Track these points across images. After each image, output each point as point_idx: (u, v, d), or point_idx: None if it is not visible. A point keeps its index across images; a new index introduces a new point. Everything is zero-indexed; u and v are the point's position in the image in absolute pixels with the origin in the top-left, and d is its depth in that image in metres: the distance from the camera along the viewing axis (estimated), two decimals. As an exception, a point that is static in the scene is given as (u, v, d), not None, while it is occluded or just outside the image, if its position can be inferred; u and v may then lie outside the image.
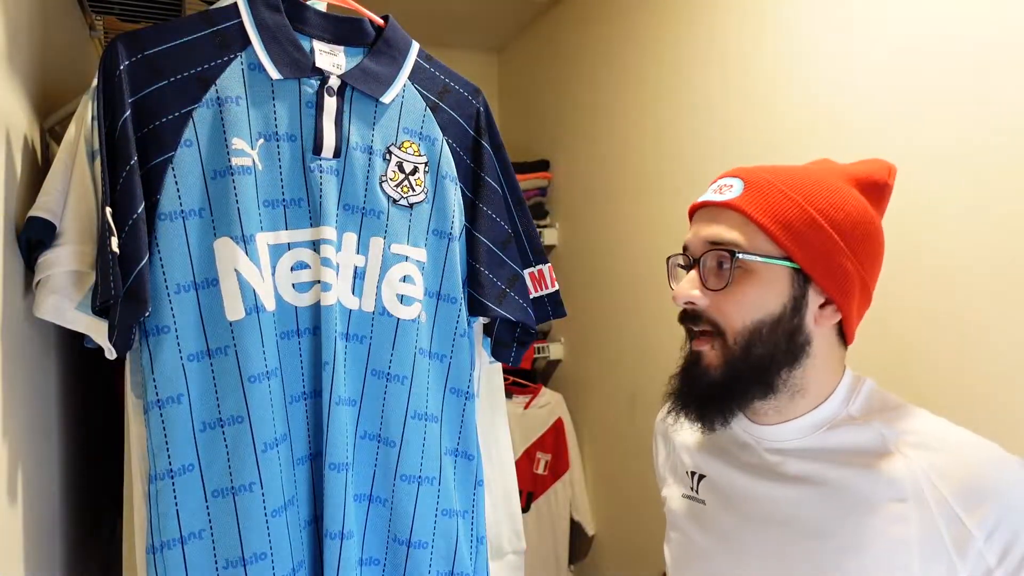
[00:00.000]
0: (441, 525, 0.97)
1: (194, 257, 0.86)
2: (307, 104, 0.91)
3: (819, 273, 0.75)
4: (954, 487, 0.69)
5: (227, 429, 0.85)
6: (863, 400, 0.79)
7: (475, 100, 1.05)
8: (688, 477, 0.89)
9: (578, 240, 2.30)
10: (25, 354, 0.86)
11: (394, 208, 0.95)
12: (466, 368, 1.01)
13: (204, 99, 0.86)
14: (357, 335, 0.93)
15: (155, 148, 0.84)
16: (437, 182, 0.99)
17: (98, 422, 1.24)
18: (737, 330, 0.76)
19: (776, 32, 1.45)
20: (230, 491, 0.85)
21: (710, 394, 0.79)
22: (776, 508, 0.79)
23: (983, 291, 1.07)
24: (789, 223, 0.75)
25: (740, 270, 0.76)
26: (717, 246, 0.77)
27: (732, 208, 0.77)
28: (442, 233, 0.99)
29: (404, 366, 0.95)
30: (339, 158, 0.92)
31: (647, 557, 1.89)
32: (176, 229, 0.85)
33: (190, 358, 0.85)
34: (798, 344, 0.76)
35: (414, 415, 0.95)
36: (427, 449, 0.96)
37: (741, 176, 0.79)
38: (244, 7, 0.90)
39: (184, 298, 0.85)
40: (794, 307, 0.76)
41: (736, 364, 0.77)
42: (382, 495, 0.94)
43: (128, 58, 0.84)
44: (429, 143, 0.99)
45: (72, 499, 1.06)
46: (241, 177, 0.86)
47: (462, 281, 1.01)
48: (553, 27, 2.42)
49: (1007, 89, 1.03)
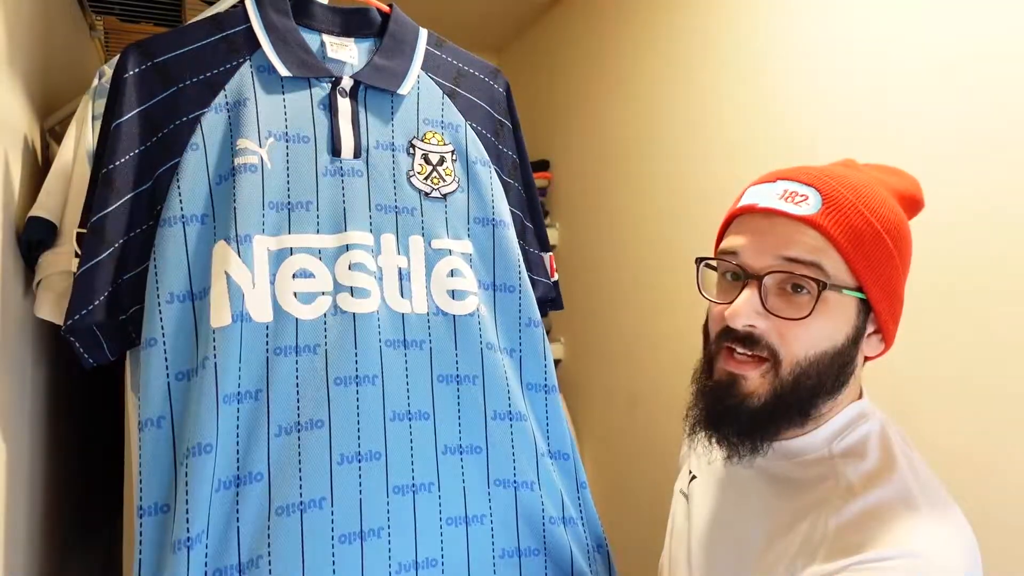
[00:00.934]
0: (551, 535, 0.90)
1: (192, 266, 0.80)
2: (319, 105, 0.88)
3: (884, 304, 0.71)
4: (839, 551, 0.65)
5: (189, 460, 0.75)
6: (852, 443, 0.72)
7: (494, 82, 1.02)
8: (687, 475, 0.91)
9: (578, 240, 2.30)
10: (26, 354, 0.86)
11: (427, 201, 0.91)
12: (539, 360, 0.95)
13: (213, 104, 0.84)
14: (416, 340, 0.87)
15: (164, 155, 0.82)
16: (468, 168, 0.95)
17: (100, 422, 1.23)
18: (798, 361, 0.69)
19: (777, 31, 1.45)
20: (185, 543, 0.74)
21: (750, 426, 0.72)
22: (736, 501, 0.79)
23: (983, 292, 1.07)
24: (868, 251, 0.69)
25: (810, 296, 0.69)
26: (797, 270, 0.69)
27: (812, 226, 0.69)
28: (485, 220, 0.94)
29: (472, 364, 0.89)
30: (359, 159, 0.89)
31: (647, 557, 1.89)
32: (175, 235, 0.80)
33: (178, 376, 0.78)
34: (847, 374, 0.72)
35: (494, 416, 0.89)
36: (518, 451, 0.90)
37: (816, 185, 0.70)
38: (253, 10, 0.89)
39: (176, 309, 0.79)
40: (855, 337, 0.71)
41: (785, 396, 0.70)
42: (478, 511, 0.87)
43: (138, 65, 0.83)
44: (453, 130, 0.96)
45: (74, 499, 1.06)
46: (244, 176, 0.82)
47: (524, 266, 0.96)
48: (553, 27, 2.42)
49: (1009, 88, 1.03)
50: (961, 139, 1.10)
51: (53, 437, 0.98)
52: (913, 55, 1.17)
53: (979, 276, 1.07)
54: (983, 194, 1.07)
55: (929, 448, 0.83)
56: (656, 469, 1.87)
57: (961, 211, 1.08)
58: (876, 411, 0.76)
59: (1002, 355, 1.04)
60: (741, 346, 0.71)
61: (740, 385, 0.72)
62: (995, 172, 1.05)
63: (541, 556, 0.90)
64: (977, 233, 1.07)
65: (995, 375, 1.05)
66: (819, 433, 0.73)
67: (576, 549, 0.92)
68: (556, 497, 0.92)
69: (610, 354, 2.12)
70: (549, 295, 1.05)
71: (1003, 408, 1.04)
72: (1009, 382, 1.03)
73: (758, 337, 0.70)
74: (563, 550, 0.91)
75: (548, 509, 0.90)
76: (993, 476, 1.05)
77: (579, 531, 0.94)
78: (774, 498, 0.75)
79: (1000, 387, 1.04)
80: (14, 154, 0.86)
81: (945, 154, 1.11)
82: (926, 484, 0.69)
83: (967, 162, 1.08)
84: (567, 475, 0.94)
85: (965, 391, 1.09)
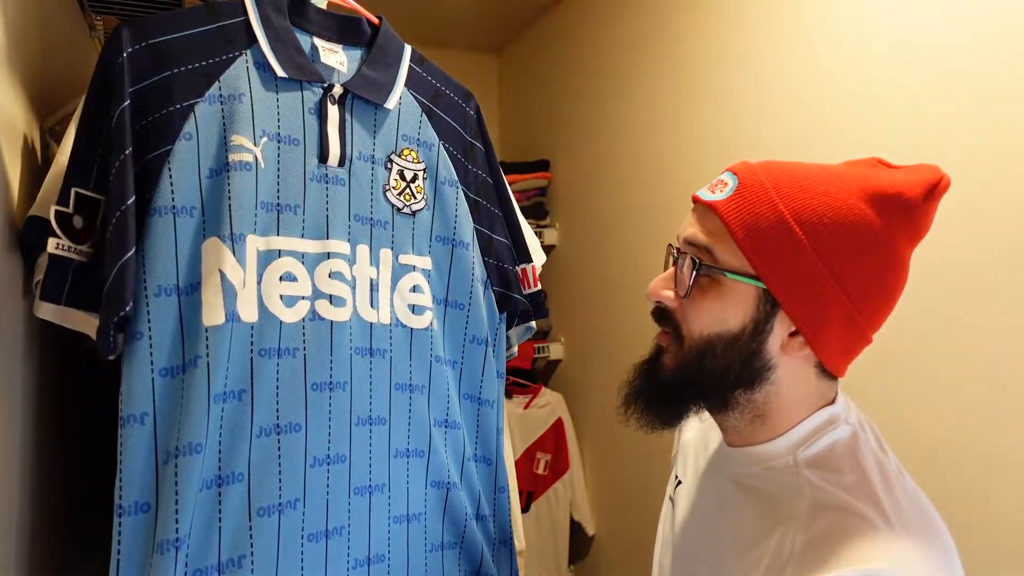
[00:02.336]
0: (469, 531, 0.98)
1: (180, 259, 0.79)
2: (310, 110, 0.89)
3: (789, 300, 0.68)
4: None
5: (180, 460, 0.75)
6: (817, 452, 0.71)
7: (467, 105, 1.05)
8: (674, 480, 0.91)
9: (578, 240, 2.30)
10: (26, 354, 0.86)
11: (398, 216, 0.95)
12: (477, 374, 1.01)
13: (207, 94, 0.83)
14: (380, 349, 0.91)
15: (154, 141, 0.80)
16: (436, 188, 0.98)
17: (100, 423, 1.23)
18: (693, 338, 0.72)
19: (777, 31, 1.45)
20: (173, 544, 0.74)
21: (659, 394, 0.76)
22: (710, 506, 0.80)
23: (983, 292, 1.07)
24: (765, 239, 0.67)
25: (708, 279, 0.71)
26: (690, 252, 0.72)
27: (714, 211, 0.70)
28: (446, 239, 0.98)
29: (422, 375, 0.95)
30: (344, 167, 0.90)
31: (647, 557, 1.89)
32: (165, 225, 0.79)
33: (163, 372, 0.77)
34: (755, 368, 0.71)
35: (435, 423, 0.96)
36: (451, 456, 0.97)
37: (739, 174, 0.71)
38: (251, 4, 0.89)
39: (163, 303, 0.78)
40: (755, 330, 0.70)
41: (688, 372, 0.73)
42: (417, 510, 0.94)
43: (132, 45, 0.81)
44: (427, 149, 0.98)
45: (74, 500, 1.06)
46: (238, 173, 0.81)
47: (481, 285, 1.00)
48: (553, 27, 2.42)
49: (1010, 88, 1.03)
50: (962, 139, 1.10)
51: (55, 437, 0.98)
52: (913, 54, 1.17)
53: (979, 274, 1.07)
54: (982, 194, 1.07)
55: (928, 448, 0.84)
56: (654, 469, 1.87)
57: (962, 210, 1.08)
58: (852, 415, 0.74)
59: (1003, 353, 1.04)
60: (657, 321, 0.77)
61: (659, 358, 0.77)
62: (994, 171, 1.05)
63: (457, 549, 0.98)
64: (977, 230, 1.07)
65: (995, 374, 1.05)
66: (782, 441, 0.73)
67: (485, 544, 1.00)
68: (475, 497, 1.00)
69: (610, 354, 2.12)
70: (521, 307, 1.06)
71: (1002, 410, 1.04)
72: (1009, 380, 1.03)
73: (668, 314, 0.75)
74: (476, 545, 0.99)
75: (468, 507, 0.98)
76: (994, 474, 1.05)
77: (489, 527, 1.02)
78: (745, 507, 0.74)
79: (1001, 385, 1.05)
80: (14, 154, 0.86)
81: (944, 154, 1.11)
82: (898, 499, 0.67)
83: (967, 162, 1.09)
84: (488, 478, 1.02)
85: (966, 388, 1.09)
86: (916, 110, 1.16)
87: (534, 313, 1.10)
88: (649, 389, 0.77)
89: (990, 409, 1.06)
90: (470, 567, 0.99)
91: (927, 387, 1.14)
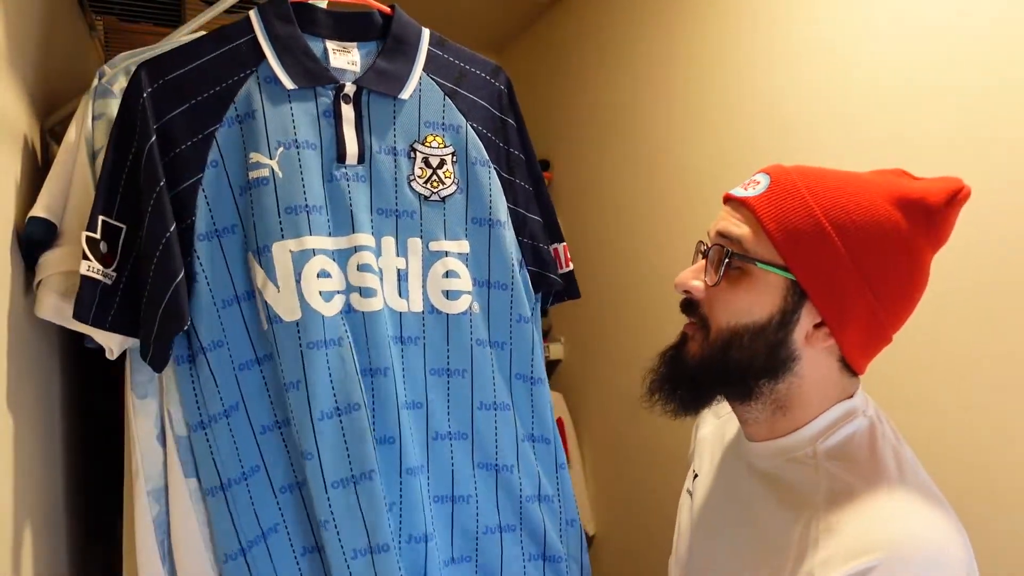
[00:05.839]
0: (527, 511, 0.99)
1: (232, 272, 0.89)
2: (324, 113, 0.91)
3: (816, 291, 0.71)
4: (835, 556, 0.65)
5: (284, 431, 0.91)
6: (836, 443, 0.73)
7: (496, 80, 1.04)
8: (691, 474, 0.92)
9: (578, 240, 2.30)
10: (26, 354, 0.86)
11: (426, 205, 0.96)
12: (527, 353, 1.01)
13: (225, 117, 0.88)
14: (411, 337, 0.94)
15: (183, 171, 0.86)
16: (468, 170, 0.98)
17: (100, 423, 1.24)
18: (720, 328, 0.74)
19: (778, 31, 1.45)
20: (295, 486, 0.91)
21: (682, 381, 0.78)
22: (733, 503, 0.81)
23: (983, 291, 1.07)
24: (797, 232, 0.70)
25: (738, 271, 0.73)
26: (723, 243, 0.75)
27: (747, 206, 0.74)
28: (482, 220, 0.98)
29: (462, 359, 0.96)
30: (364, 164, 0.92)
31: (647, 557, 1.89)
32: (214, 248, 0.87)
33: (241, 367, 0.89)
34: (780, 358, 0.73)
35: (480, 406, 0.97)
36: (500, 438, 0.98)
37: (772, 173, 0.74)
38: (257, 21, 0.91)
39: (230, 312, 0.88)
40: (782, 320, 0.72)
41: (713, 361, 0.75)
42: (464, 492, 0.96)
43: (151, 84, 0.86)
44: (453, 132, 0.98)
45: (75, 500, 1.07)
46: (258, 190, 0.87)
47: (517, 264, 1.00)
48: (553, 27, 2.42)
49: (1009, 87, 1.03)
50: (962, 138, 1.10)
51: (55, 437, 0.98)
52: (913, 55, 1.17)
53: (980, 272, 1.07)
54: (982, 193, 1.07)
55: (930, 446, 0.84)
56: (656, 468, 1.87)
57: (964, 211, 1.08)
58: (869, 408, 0.76)
59: (1004, 352, 1.04)
60: (684, 312, 0.79)
61: (686, 347, 0.79)
62: (992, 171, 1.05)
63: (517, 531, 0.99)
64: (977, 231, 1.07)
65: (997, 372, 1.05)
66: (804, 432, 0.75)
67: (550, 524, 1.01)
68: (534, 477, 1.00)
69: (610, 354, 2.12)
70: (558, 287, 1.07)
71: (1002, 414, 1.04)
72: (1010, 378, 1.03)
73: (695, 304, 0.77)
74: (537, 525, 1.00)
75: (525, 489, 0.99)
76: (994, 472, 1.05)
77: (554, 507, 1.02)
78: (766, 498, 0.76)
79: (1002, 384, 1.05)
80: (14, 154, 0.86)
81: (943, 153, 1.11)
82: (914, 486, 0.69)
83: (965, 161, 1.09)
84: (547, 457, 1.02)
85: (967, 387, 1.09)
86: (920, 109, 1.16)
87: (567, 293, 1.10)
88: (674, 376, 0.79)
89: (998, 411, 1.06)
90: (535, 549, 0.99)
91: (941, 387, 1.14)
